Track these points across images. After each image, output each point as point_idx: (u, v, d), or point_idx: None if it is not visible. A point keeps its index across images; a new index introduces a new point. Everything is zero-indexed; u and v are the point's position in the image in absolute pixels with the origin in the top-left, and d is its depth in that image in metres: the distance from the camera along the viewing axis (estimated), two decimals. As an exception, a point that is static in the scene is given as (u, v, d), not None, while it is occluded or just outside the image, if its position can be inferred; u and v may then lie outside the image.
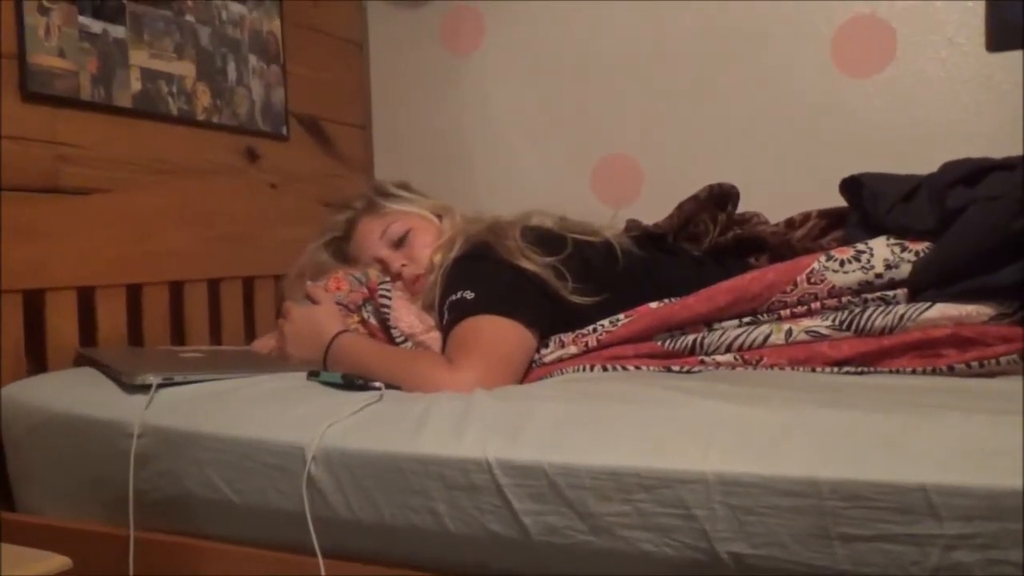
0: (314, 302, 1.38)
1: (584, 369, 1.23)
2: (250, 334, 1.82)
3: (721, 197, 1.47)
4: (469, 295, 1.26)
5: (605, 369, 1.23)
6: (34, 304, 1.38)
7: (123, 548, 1.09)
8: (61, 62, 1.47)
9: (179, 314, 1.65)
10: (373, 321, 1.39)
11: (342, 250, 1.61)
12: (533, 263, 1.30)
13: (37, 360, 1.38)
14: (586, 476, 0.88)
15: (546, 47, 2.16)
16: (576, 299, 1.29)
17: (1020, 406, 0.88)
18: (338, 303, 1.39)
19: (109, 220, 1.50)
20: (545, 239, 1.36)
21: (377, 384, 1.12)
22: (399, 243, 1.52)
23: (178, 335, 1.64)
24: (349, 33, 2.30)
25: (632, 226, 1.51)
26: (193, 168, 1.75)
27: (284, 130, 2.00)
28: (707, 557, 0.84)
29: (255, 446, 1.03)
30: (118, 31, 1.58)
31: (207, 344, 1.70)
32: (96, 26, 1.53)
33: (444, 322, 1.28)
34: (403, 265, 1.50)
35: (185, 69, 1.73)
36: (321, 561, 0.98)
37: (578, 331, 1.29)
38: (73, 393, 1.22)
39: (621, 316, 1.28)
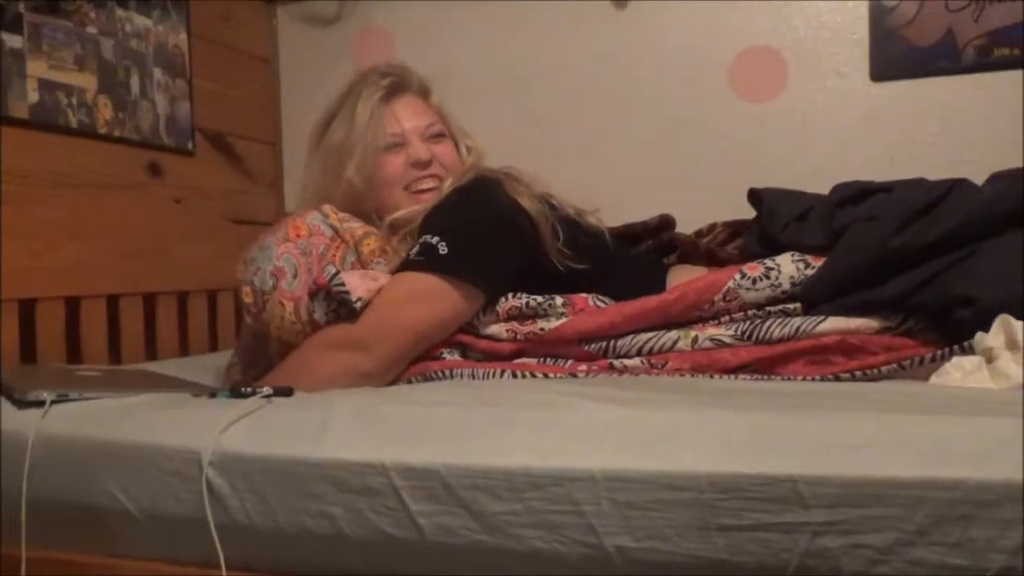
0: None
1: (488, 376, 1.26)
2: (151, 353, 1.78)
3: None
4: (443, 248, 1.27)
5: (514, 375, 1.26)
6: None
7: (14, 570, 1.05)
8: (-47, 70, 1.44)
9: (75, 331, 1.60)
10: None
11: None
12: (534, 205, 1.34)
13: (-79, 377, 1.33)
14: (479, 476, 0.90)
15: (454, 70, 2.20)
16: (560, 260, 1.34)
17: (884, 404, 0.94)
18: (301, 252, 1.35)
19: (1, 233, 1.46)
20: (548, 202, 1.41)
21: (265, 389, 1.12)
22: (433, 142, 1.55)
23: (74, 352, 1.60)
24: (259, 49, 2.29)
25: None
26: (92, 182, 1.70)
27: (190, 145, 1.98)
28: (595, 551, 0.87)
29: (151, 451, 1.02)
30: (15, 40, 1.54)
31: (105, 362, 1.66)
32: (-9, 35, 1.50)
33: (409, 255, 1.31)
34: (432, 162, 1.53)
35: (86, 81, 1.69)
36: (224, 572, 0.97)
37: (512, 320, 1.33)
38: (-42, 408, 1.17)
39: (552, 320, 1.31)
